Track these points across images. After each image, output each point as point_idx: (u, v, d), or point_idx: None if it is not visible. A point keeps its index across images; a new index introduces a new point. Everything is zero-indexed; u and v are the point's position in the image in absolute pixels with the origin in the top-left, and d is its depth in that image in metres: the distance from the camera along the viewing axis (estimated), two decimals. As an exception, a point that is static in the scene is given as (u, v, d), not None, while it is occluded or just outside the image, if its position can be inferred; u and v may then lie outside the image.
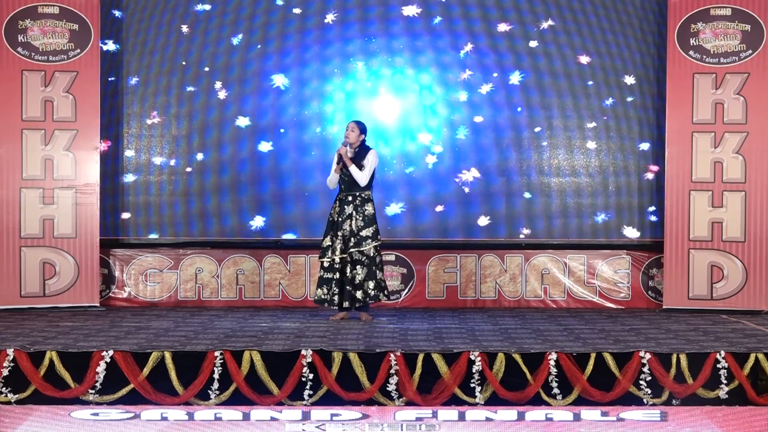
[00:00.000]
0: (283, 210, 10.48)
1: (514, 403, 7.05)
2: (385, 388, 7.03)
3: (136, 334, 8.07)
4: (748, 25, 9.91)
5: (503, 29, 10.51)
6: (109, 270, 10.40)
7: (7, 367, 7.01)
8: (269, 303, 10.44)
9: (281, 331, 8.38)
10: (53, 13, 9.92)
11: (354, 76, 10.53)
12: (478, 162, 10.50)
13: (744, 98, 9.87)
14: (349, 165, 8.93)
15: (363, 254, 8.96)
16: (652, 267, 10.47)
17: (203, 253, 10.49)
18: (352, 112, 10.42)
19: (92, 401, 7.02)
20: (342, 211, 9.00)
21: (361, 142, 9.06)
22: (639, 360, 7.09)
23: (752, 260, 9.86)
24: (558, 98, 10.51)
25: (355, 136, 9.01)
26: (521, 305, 10.47)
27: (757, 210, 9.85)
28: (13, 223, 9.82)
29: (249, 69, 10.51)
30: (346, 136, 9.01)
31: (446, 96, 10.53)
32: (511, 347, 7.36)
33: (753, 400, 7.11)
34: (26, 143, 9.86)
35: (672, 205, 10.01)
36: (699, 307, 9.87)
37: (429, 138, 10.53)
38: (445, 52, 10.53)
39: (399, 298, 10.48)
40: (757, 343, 7.65)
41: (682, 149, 9.98)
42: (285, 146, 10.50)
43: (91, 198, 9.98)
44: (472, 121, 10.50)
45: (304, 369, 7.02)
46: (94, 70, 9.99)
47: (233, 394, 7.02)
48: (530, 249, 10.52)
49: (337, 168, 8.97)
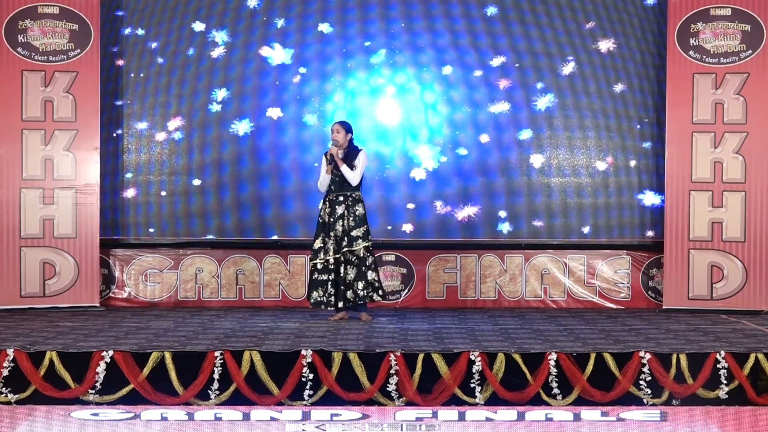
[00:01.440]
0: (284, 209, 10.47)
1: (514, 403, 7.05)
2: (385, 388, 7.03)
3: (136, 334, 8.07)
4: (748, 25, 9.91)
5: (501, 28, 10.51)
6: (109, 270, 10.40)
7: (7, 367, 7.01)
8: (269, 303, 10.44)
9: (281, 331, 8.38)
10: (53, 13, 9.92)
11: (355, 75, 10.53)
12: (478, 162, 10.50)
13: (744, 98, 9.87)
14: (340, 165, 8.95)
15: (353, 254, 8.97)
16: (652, 267, 10.47)
17: (203, 253, 10.49)
18: (355, 111, 10.43)
19: (92, 401, 7.02)
20: (333, 212, 9.00)
21: (350, 142, 9.08)
22: (639, 360, 7.09)
23: (752, 260, 9.86)
24: (558, 98, 10.51)
25: (342, 136, 9.02)
26: (521, 305, 10.47)
27: (757, 210, 9.85)
28: (13, 223, 9.82)
29: (249, 68, 10.51)
30: (333, 138, 9.02)
31: (447, 96, 10.52)
32: (511, 347, 7.36)
33: (753, 400, 7.11)
34: (26, 143, 9.86)
35: (672, 205, 10.01)
36: (699, 307, 9.87)
37: (429, 138, 10.53)
38: (444, 51, 10.53)
39: (399, 298, 10.49)
40: (757, 343, 7.65)
41: (682, 149, 9.98)
42: (285, 146, 10.49)
43: (91, 198, 9.98)
44: (472, 120, 10.51)
45: (304, 369, 7.02)
46: (94, 70, 9.99)
47: (233, 394, 7.02)
48: (530, 249, 10.51)
49: (328, 169, 8.98)
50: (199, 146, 10.49)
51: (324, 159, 9.07)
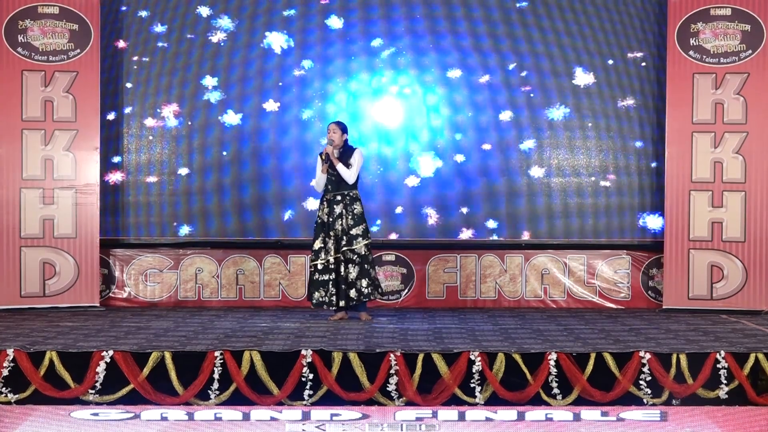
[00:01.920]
0: (284, 210, 10.47)
1: (514, 403, 7.05)
2: (385, 388, 7.03)
3: (136, 334, 8.07)
4: (748, 25, 9.91)
5: (503, 30, 10.52)
6: (109, 270, 10.40)
7: (7, 367, 7.01)
8: (269, 303, 10.44)
9: (281, 331, 8.38)
10: (53, 13, 9.92)
11: (358, 77, 10.53)
12: (478, 161, 10.50)
13: (744, 98, 9.87)
14: (336, 164, 8.97)
15: (354, 253, 8.98)
16: (652, 267, 10.47)
17: (203, 253, 10.49)
18: (356, 113, 10.44)
19: (92, 401, 7.02)
20: (332, 212, 9.01)
21: (345, 142, 9.09)
22: (639, 360, 7.09)
23: (752, 260, 9.86)
24: (559, 97, 10.51)
25: (338, 136, 9.05)
26: (521, 305, 10.46)
27: (757, 210, 9.85)
28: (13, 223, 9.82)
29: (251, 69, 10.51)
30: (330, 138, 9.05)
31: (448, 95, 10.52)
32: (511, 347, 7.36)
33: (753, 400, 7.11)
34: (26, 143, 9.86)
35: (672, 205, 10.00)
36: (699, 307, 9.87)
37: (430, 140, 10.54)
38: (446, 52, 10.53)
39: (399, 298, 10.49)
40: (757, 343, 7.65)
41: (682, 149, 9.98)
42: (286, 146, 10.49)
43: (91, 198, 9.98)
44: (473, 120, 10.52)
45: (304, 369, 7.02)
46: (94, 70, 9.99)
47: (233, 394, 7.02)
48: (530, 249, 10.51)
49: (324, 168, 9.01)
50: (200, 146, 10.48)
51: (319, 158, 9.09)
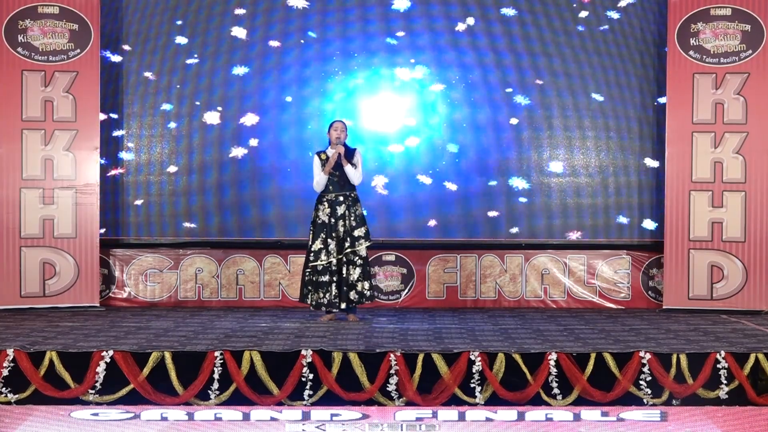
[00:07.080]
0: (284, 210, 10.48)
1: (514, 403, 7.04)
2: (385, 388, 7.03)
3: (136, 334, 8.07)
4: (748, 25, 9.92)
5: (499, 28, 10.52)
6: (109, 270, 10.40)
7: (7, 367, 7.01)
8: (269, 303, 10.44)
9: (281, 331, 8.38)
10: (53, 13, 9.92)
11: (355, 75, 10.54)
12: (478, 162, 10.51)
13: (744, 98, 9.88)
14: (345, 165, 8.90)
15: (356, 254, 8.95)
16: (652, 267, 10.47)
17: (203, 253, 10.49)
18: (353, 111, 10.44)
19: (92, 401, 7.02)
20: (333, 212, 8.96)
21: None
22: (639, 360, 7.09)
23: (752, 260, 9.86)
24: (558, 97, 10.51)
25: (346, 135, 8.99)
26: (521, 305, 10.47)
27: (757, 210, 9.85)
28: (13, 223, 9.83)
29: (251, 67, 10.51)
30: (339, 137, 8.91)
31: (447, 95, 10.53)
32: (511, 347, 7.36)
33: (753, 400, 7.11)
34: (26, 143, 9.86)
35: (672, 205, 10.01)
36: (699, 307, 9.87)
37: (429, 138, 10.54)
38: (444, 51, 10.54)
39: (399, 298, 10.49)
40: (757, 343, 7.66)
41: (682, 149, 9.98)
42: (287, 146, 10.50)
43: (91, 198, 9.98)
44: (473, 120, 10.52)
45: (304, 369, 7.02)
46: (94, 70, 9.99)
47: (233, 394, 7.02)
48: (530, 249, 10.52)
49: (328, 169, 8.92)
50: (200, 146, 10.49)
51: (318, 158, 9.01)
